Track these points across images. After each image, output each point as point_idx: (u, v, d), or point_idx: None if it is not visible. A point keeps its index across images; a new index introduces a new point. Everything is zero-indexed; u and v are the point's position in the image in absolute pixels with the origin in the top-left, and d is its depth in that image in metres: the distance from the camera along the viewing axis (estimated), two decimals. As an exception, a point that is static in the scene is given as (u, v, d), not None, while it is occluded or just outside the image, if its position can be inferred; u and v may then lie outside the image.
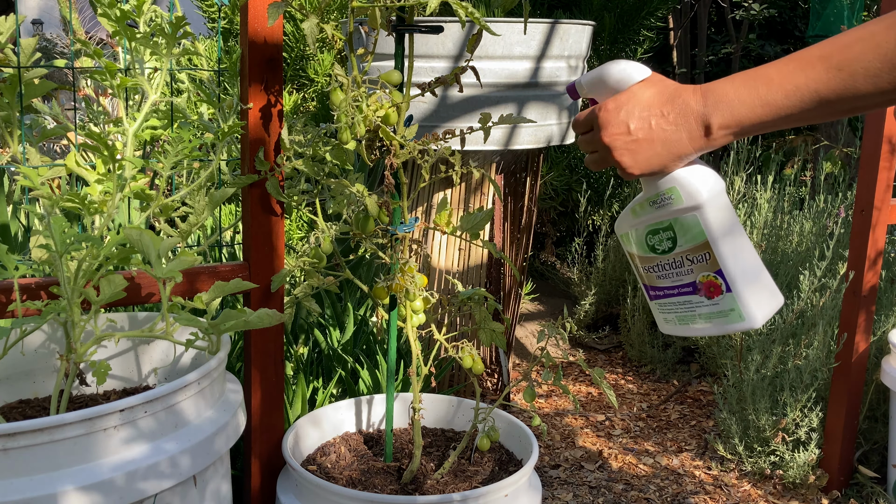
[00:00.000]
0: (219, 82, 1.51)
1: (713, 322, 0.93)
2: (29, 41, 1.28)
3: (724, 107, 0.82)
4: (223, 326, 1.18)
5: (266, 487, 1.46)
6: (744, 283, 0.89)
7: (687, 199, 0.89)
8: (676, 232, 0.91)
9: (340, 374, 1.87)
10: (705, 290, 0.92)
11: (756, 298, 0.90)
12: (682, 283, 0.94)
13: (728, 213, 0.90)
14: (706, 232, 0.89)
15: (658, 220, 0.93)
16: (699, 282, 0.92)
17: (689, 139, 0.85)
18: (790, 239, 2.60)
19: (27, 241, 1.85)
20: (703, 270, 0.91)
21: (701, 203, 0.89)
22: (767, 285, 0.91)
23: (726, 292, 0.90)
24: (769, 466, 2.12)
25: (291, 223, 2.67)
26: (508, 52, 2.01)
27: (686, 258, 0.92)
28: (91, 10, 5.88)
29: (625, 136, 0.88)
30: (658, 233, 0.93)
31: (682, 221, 0.90)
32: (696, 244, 0.90)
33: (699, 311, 0.93)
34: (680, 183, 0.89)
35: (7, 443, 0.99)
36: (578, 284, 3.20)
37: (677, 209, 0.90)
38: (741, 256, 0.90)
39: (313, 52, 2.01)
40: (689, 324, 0.95)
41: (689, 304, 0.94)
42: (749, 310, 0.90)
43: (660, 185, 0.91)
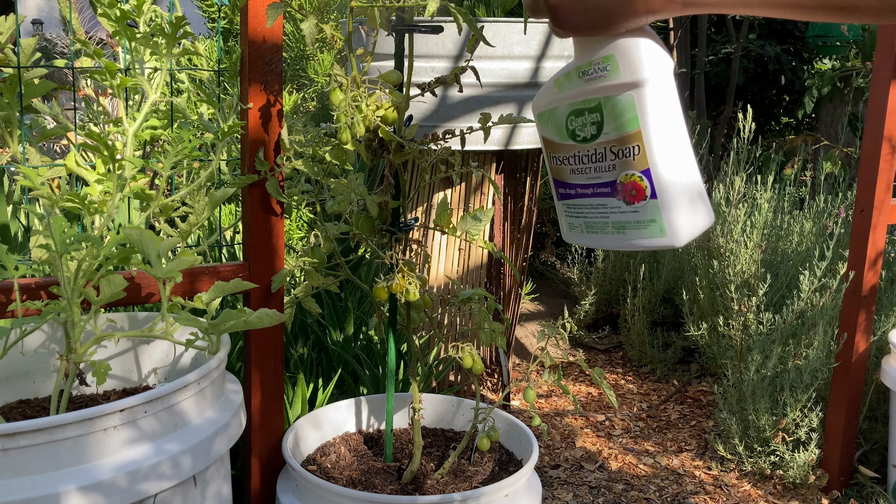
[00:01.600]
0: (219, 82, 1.51)
1: (627, 233, 0.77)
2: (29, 41, 1.28)
3: None
4: (223, 326, 1.18)
5: (266, 487, 1.46)
6: (673, 191, 0.74)
7: (625, 72, 0.73)
8: (605, 115, 0.75)
9: (340, 374, 1.86)
10: (625, 193, 0.76)
11: (684, 212, 0.75)
12: (599, 182, 0.78)
13: (672, 101, 0.74)
14: (640, 118, 0.73)
15: (585, 97, 0.76)
16: (620, 181, 0.76)
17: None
18: (790, 239, 2.60)
19: (27, 241, 1.85)
20: (627, 168, 0.75)
21: (641, 79, 0.72)
22: (700, 200, 0.76)
23: (650, 198, 0.74)
24: (769, 466, 2.12)
25: (291, 223, 2.67)
26: (508, 51, 2.01)
27: (610, 150, 0.76)
28: (91, 10, 5.88)
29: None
30: (583, 114, 0.77)
31: (615, 102, 0.74)
32: (625, 133, 0.74)
33: (613, 219, 0.78)
34: (620, 50, 0.72)
35: (7, 443, 0.99)
36: (578, 284, 3.20)
37: (611, 84, 0.74)
38: (678, 157, 0.74)
39: (313, 53, 2.01)
40: (598, 232, 0.80)
41: (604, 208, 0.78)
42: (673, 224, 0.74)
43: (595, 50, 0.74)
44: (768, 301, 2.42)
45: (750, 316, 2.22)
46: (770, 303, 2.42)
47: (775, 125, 5.57)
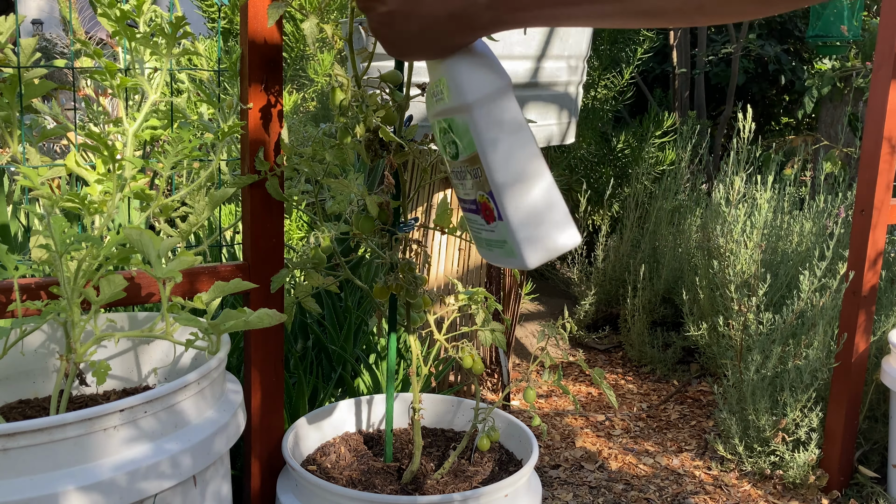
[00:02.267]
0: (219, 82, 1.51)
1: (494, 251, 0.75)
2: (29, 41, 1.28)
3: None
4: (223, 326, 1.18)
5: (266, 487, 1.46)
6: (516, 214, 0.71)
7: (454, 95, 0.71)
8: (455, 135, 0.74)
9: (340, 374, 1.86)
10: (483, 212, 0.74)
11: (530, 235, 0.71)
12: (469, 199, 0.76)
13: (508, 121, 0.71)
14: (475, 141, 0.71)
15: (440, 118, 0.75)
16: (478, 201, 0.74)
17: (450, 18, 0.66)
18: (790, 239, 2.60)
19: (27, 241, 1.85)
20: (479, 188, 0.73)
21: (467, 104, 0.70)
22: (552, 219, 0.72)
23: (498, 220, 0.72)
24: (769, 466, 2.12)
25: (291, 223, 2.67)
26: (508, 52, 2.01)
27: (467, 170, 0.74)
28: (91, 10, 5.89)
29: (378, 4, 0.69)
30: (445, 133, 0.76)
31: (457, 124, 0.73)
32: (470, 154, 0.72)
33: (483, 235, 0.76)
34: (448, 74, 0.71)
35: (7, 443, 0.99)
36: (578, 284, 3.20)
37: (448, 107, 0.73)
38: (516, 179, 0.71)
39: (313, 53, 2.02)
40: (480, 247, 0.78)
41: (477, 224, 0.77)
42: (520, 246, 0.71)
43: (434, 72, 0.73)
44: (768, 301, 2.42)
45: (750, 316, 2.22)
46: (770, 303, 2.42)
47: (775, 125, 5.57)
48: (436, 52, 0.70)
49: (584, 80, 2.35)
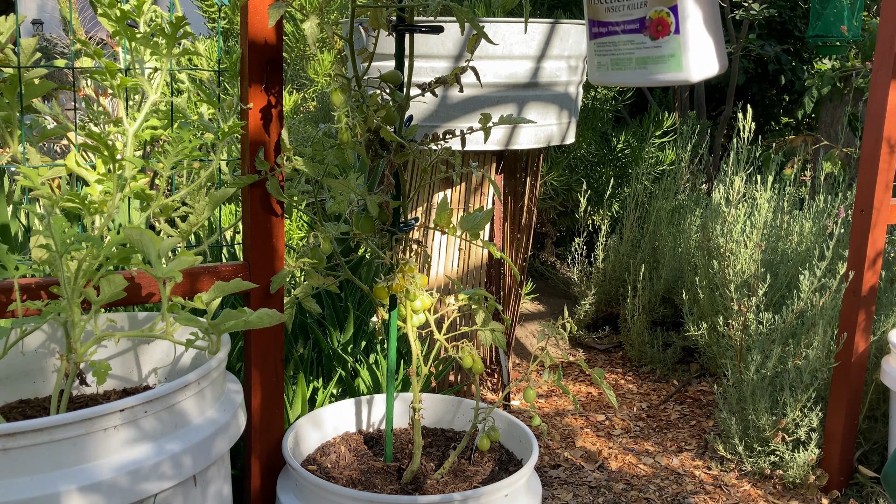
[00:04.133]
0: (219, 82, 1.51)
1: (647, 68, 0.84)
2: (29, 41, 1.28)
3: None
4: (223, 326, 1.18)
5: (266, 487, 1.46)
6: (695, 29, 0.81)
7: None
8: None
9: (340, 374, 1.87)
10: (652, 28, 0.83)
11: (701, 50, 0.81)
12: (630, 19, 0.85)
13: None
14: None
15: None
16: (649, 17, 0.83)
17: None
18: (790, 239, 2.60)
19: (27, 241, 1.85)
20: (656, 4, 0.82)
21: None
22: (717, 43, 0.83)
23: (673, 33, 0.82)
24: (769, 466, 2.12)
25: (291, 223, 2.67)
26: (508, 52, 2.01)
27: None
28: (91, 10, 5.88)
29: None
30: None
31: None
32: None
33: (637, 54, 0.84)
34: None
35: (7, 443, 0.99)
36: (578, 284, 3.20)
37: None
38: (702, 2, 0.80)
39: (313, 53, 2.01)
40: (623, 68, 0.87)
41: (631, 44, 0.85)
42: (689, 60, 0.81)
43: None
44: (768, 301, 2.42)
45: (750, 316, 2.22)
46: (770, 303, 2.42)
47: (775, 125, 5.57)
48: None
49: (584, 80, 2.35)
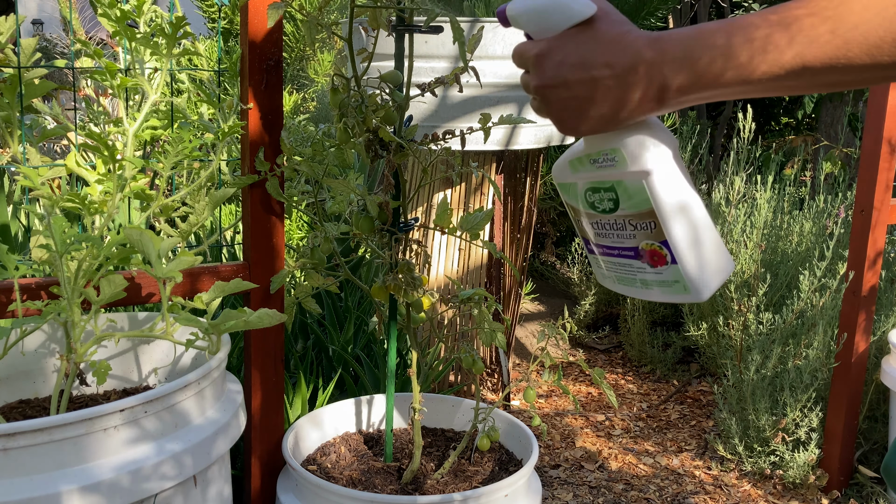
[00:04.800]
0: (219, 82, 1.51)
1: (655, 289, 0.82)
2: (29, 41, 1.28)
3: (687, 66, 0.67)
4: (223, 326, 1.18)
5: (266, 487, 1.46)
6: (691, 256, 0.79)
7: (632, 163, 0.77)
8: (619, 195, 0.80)
9: (340, 374, 1.87)
10: (648, 258, 0.81)
11: (704, 272, 0.80)
12: (623, 246, 0.82)
13: (679, 179, 0.79)
14: (652, 200, 0.77)
15: (599, 180, 0.81)
16: (642, 248, 0.81)
17: (641, 101, 0.70)
18: (790, 239, 2.60)
19: (27, 241, 1.86)
20: (646, 238, 0.80)
21: (648, 170, 0.76)
22: (718, 255, 0.81)
23: (671, 263, 0.79)
24: (769, 466, 2.12)
25: (291, 223, 2.67)
26: (508, 52, 2.01)
27: (629, 222, 0.80)
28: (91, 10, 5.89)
29: (561, 90, 0.72)
30: (599, 191, 0.81)
31: (627, 185, 0.79)
32: (640, 211, 0.79)
33: (640, 277, 0.83)
34: (625, 144, 0.77)
35: (7, 443, 0.99)
36: (578, 284, 3.20)
37: (621, 172, 0.78)
38: (691, 227, 0.79)
39: (313, 53, 2.01)
40: (630, 286, 0.85)
41: (631, 267, 0.83)
42: (695, 283, 0.79)
43: (602, 143, 0.79)
44: (768, 301, 2.42)
45: (750, 316, 2.22)
46: (770, 303, 2.42)
47: (775, 125, 5.57)
48: (618, 126, 0.75)
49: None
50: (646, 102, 0.70)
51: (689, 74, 0.67)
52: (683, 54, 0.67)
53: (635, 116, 0.73)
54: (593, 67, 0.70)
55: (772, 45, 0.63)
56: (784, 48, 0.63)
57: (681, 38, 0.68)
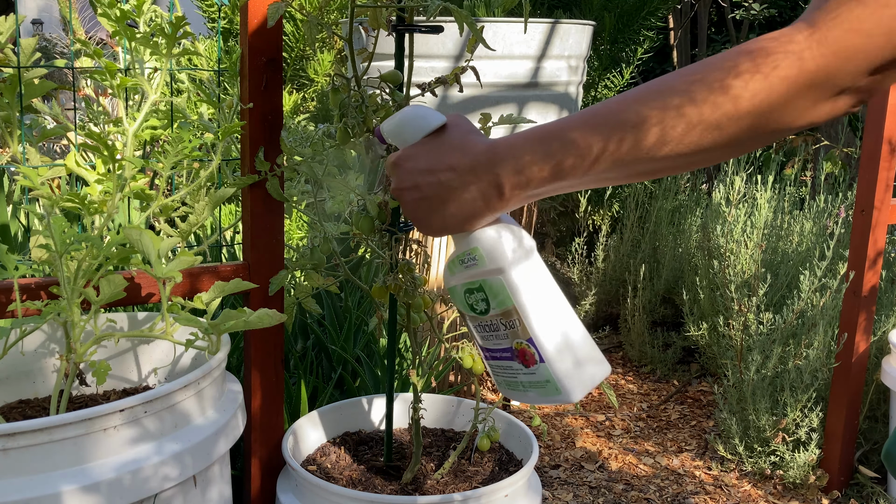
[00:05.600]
0: (219, 82, 1.51)
1: (533, 392, 0.85)
2: (29, 41, 1.27)
3: (514, 165, 0.73)
4: (223, 326, 1.18)
5: (266, 488, 1.46)
6: (557, 355, 0.81)
7: (489, 261, 0.82)
8: (487, 294, 0.83)
9: (340, 374, 1.86)
10: (521, 358, 0.83)
11: (572, 372, 0.81)
12: (501, 348, 0.85)
13: (538, 276, 0.83)
14: (512, 297, 0.81)
15: (470, 280, 0.85)
16: (514, 348, 0.84)
17: (482, 199, 0.76)
18: (790, 239, 2.60)
19: (27, 241, 1.85)
20: (515, 337, 0.83)
21: (503, 266, 0.81)
22: (588, 355, 0.82)
23: (540, 362, 0.81)
24: (769, 466, 2.12)
25: (291, 223, 2.67)
26: (508, 52, 2.01)
27: (500, 322, 0.84)
28: (91, 10, 5.89)
29: (413, 192, 0.79)
30: (473, 293, 0.86)
31: (490, 284, 0.83)
32: (504, 309, 0.82)
33: (520, 379, 0.85)
34: (481, 243, 0.82)
35: (7, 443, 0.99)
36: (578, 284, 3.20)
37: (482, 271, 0.83)
38: (553, 325, 0.82)
39: (313, 53, 2.01)
40: (515, 389, 0.87)
41: (511, 369, 0.86)
42: (563, 383, 0.81)
43: (464, 242, 0.84)
44: (768, 301, 2.42)
45: (750, 316, 2.22)
46: (770, 303, 2.42)
47: (775, 125, 5.56)
48: (469, 226, 0.80)
49: (585, 80, 2.35)
50: (488, 200, 0.76)
51: (517, 174, 0.73)
52: (511, 154, 0.73)
53: (484, 215, 0.78)
54: (439, 171, 0.77)
55: (586, 149, 0.68)
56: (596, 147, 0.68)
57: (510, 141, 0.74)
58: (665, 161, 0.67)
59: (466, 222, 0.79)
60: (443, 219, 0.79)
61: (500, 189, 0.75)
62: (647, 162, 0.67)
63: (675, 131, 0.64)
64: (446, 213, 0.79)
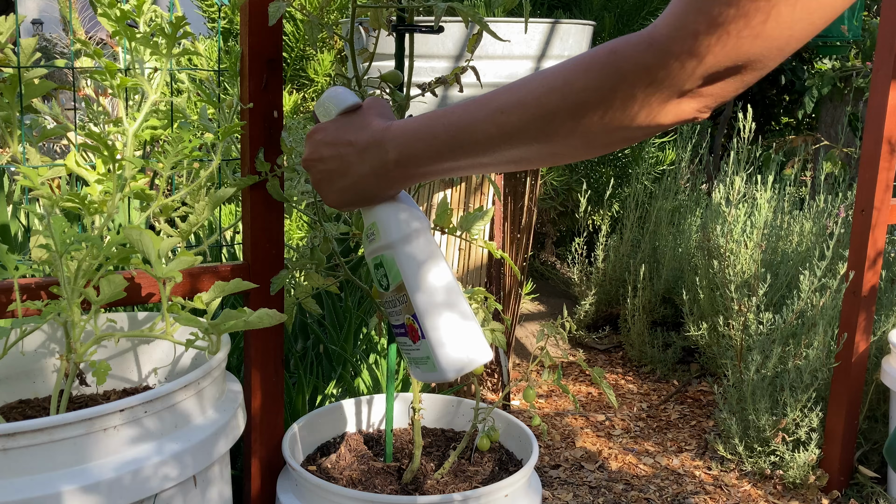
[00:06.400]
0: (219, 82, 1.51)
1: (419, 368, 0.88)
2: (29, 41, 1.27)
3: (402, 143, 0.77)
4: (223, 326, 1.18)
5: (266, 488, 1.46)
6: (435, 331, 0.84)
7: (383, 235, 0.86)
8: (386, 269, 0.87)
9: (340, 374, 1.86)
10: (410, 333, 0.87)
11: (448, 350, 0.84)
12: (399, 324, 0.89)
13: (427, 254, 0.86)
14: (401, 271, 0.85)
15: (374, 255, 0.90)
16: (406, 324, 0.87)
17: (373, 175, 0.80)
18: (790, 239, 2.60)
19: (27, 241, 1.86)
20: (406, 312, 0.86)
21: (393, 241, 0.85)
22: (468, 337, 0.85)
23: (422, 338, 0.85)
24: (769, 466, 2.12)
25: (291, 223, 2.67)
26: (508, 52, 2.01)
27: (396, 298, 0.88)
28: (91, 10, 5.88)
29: (318, 163, 0.84)
30: (378, 268, 0.90)
31: (386, 258, 0.87)
32: (397, 284, 0.86)
33: (412, 355, 0.88)
34: (378, 218, 0.86)
35: (7, 443, 0.99)
36: (578, 284, 3.20)
37: (379, 246, 0.87)
38: (436, 302, 0.84)
39: (313, 53, 2.01)
40: (410, 366, 0.90)
41: (405, 345, 0.89)
42: (439, 360, 0.84)
43: (367, 217, 0.88)
44: (768, 301, 2.42)
45: (750, 316, 2.22)
46: (770, 303, 2.42)
47: (775, 125, 5.57)
48: (367, 201, 0.85)
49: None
50: (380, 177, 0.80)
51: (403, 150, 0.77)
52: (401, 132, 0.77)
53: (376, 191, 0.83)
54: (340, 145, 0.82)
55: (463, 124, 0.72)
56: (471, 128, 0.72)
57: (403, 123, 0.78)
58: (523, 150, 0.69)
59: (361, 197, 0.84)
60: (340, 191, 0.84)
61: (387, 165, 0.78)
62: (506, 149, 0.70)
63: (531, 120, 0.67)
64: (343, 186, 0.83)
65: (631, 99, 0.61)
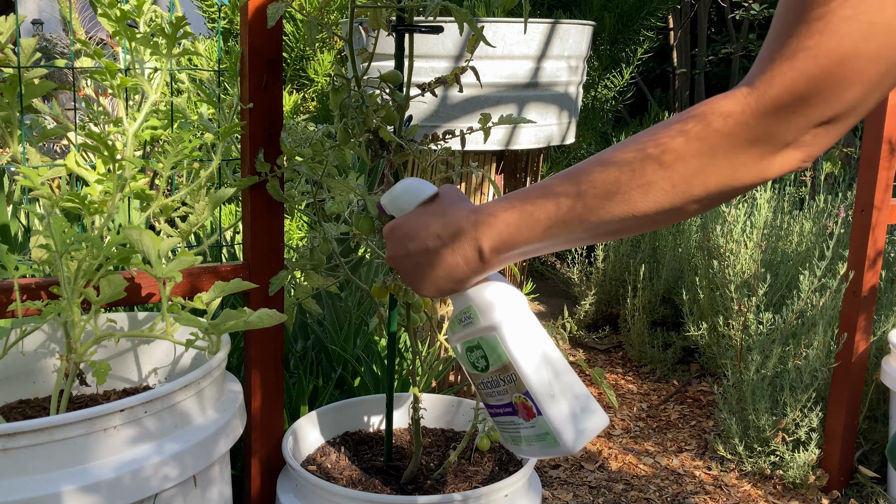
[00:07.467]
0: (219, 82, 1.51)
1: (535, 445, 0.87)
2: (29, 41, 1.28)
3: (493, 229, 0.77)
4: (223, 326, 1.18)
5: (266, 488, 1.46)
6: (553, 407, 0.84)
7: (483, 318, 0.85)
8: (485, 351, 0.87)
9: (340, 374, 1.87)
10: (522, 412, 0.86)
11: (569, 422, 0.84)
12: (503, 403, 0.88)
13: (530, 331, 0.86)
14: (507, 352, 0.84)
15: (469, 338, 0.89)
16: (515, 402, 0.86)
17: (465, 263, 0.81)
18: (790, 239, 2.60)
19: (27, 241, 1.86)
20: (514, 391, 0.86)
21: (495, 323, 0.85)
22: (584, 406, 0.85)
23: (538, 415, 0.84)
24: (769, 466, 2.12)
25: (291, 223, 2.67)
26: (508, 52, 2.01)
27: (500, 378, 0.87)
28: (91, 10, 5.88)
29: (404, 259, 0.85)
30: (472, 350, 0.89)
31: (487, 340, 0.86)
32: (501, 364, 0.86)
33: (523, 433, 0.88)
34: (475, 302, 0.86)
35: (7, 443, 0.99)
36: (578, 284, 3.20)
37: (478, 328, 0.86)
38: (548, 377, 0.84)
39: (313, 53, 2.02)
40: (520, 444, 0.89)
41: (514, 424, 0.88)
42: (562, 435, 0.83)
43: (460, 302, 0.88)
44: (768, 301, 2.42)
45: (750, 316, 2.22)
46: (770, 303, 2.42)
47: (775, 125, 5.56)
48: (461, 287, 0.85)
49: (584, 80, 2.35)
50: (472, 263, 0.81)
51: (496, 236, 0.77)
52: (490, 218, 0.78)
53: (470, 277, 0.83)
54: (427, 238, 0.83)
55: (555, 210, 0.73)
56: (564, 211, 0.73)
57: (491, 205, 0.79)
58: (627, 221, 0.70)
59: (455, 284, 0.84)
60: (433, 282, 0.84)
61: (481, 252, 0.79)
62: (608, 223, 0.71)
63: (630, 191, 0.67)
64: (435, 277, 0.84)
65: (735, 161, 0.62)
